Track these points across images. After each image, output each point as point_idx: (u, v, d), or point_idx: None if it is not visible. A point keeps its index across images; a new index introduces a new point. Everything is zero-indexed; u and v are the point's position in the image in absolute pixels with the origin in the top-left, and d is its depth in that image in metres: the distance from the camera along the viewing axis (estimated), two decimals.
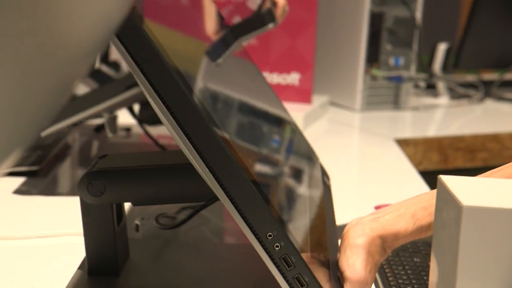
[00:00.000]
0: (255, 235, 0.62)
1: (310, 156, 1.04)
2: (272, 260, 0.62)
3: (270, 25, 1.19)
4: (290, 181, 0.86)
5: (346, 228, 0.71)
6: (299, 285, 0.62)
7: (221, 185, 0.61)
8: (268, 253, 0.62)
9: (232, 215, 0.62)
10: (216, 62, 1.10)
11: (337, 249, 0.74)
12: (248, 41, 1.85)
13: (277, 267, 0.62)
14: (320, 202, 0.91)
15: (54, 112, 0.27)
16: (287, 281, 0.62)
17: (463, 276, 0.50)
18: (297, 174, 0.88)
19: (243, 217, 0.62)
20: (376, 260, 0.69)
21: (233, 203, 0.62)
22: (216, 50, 1.07)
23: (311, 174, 0.97)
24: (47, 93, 0.25)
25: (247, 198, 0.62)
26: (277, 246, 0.62)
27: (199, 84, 0.69)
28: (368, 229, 0.68)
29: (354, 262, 0.67)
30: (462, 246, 0.50)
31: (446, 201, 0.53)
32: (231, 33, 1.03)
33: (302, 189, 0.86)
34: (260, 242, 0.62)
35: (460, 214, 0.49)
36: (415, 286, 0.82)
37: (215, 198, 0.83)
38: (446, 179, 0.54)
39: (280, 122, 0.95)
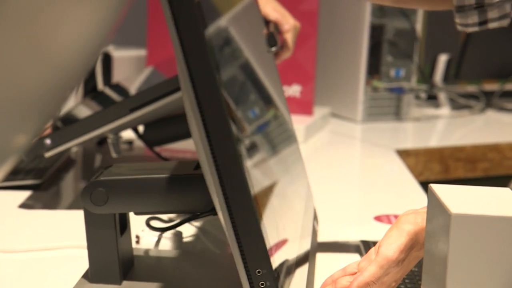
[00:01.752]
0: (245, 267, 0.63)
1: (292, 167, 1.05)
2: None
3: (273, 49, 1.21)
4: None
5: (400, 215, 0.73)
6: None
7: (229, 214, 0.62)
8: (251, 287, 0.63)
9: (229, 240, 0.63)
10: (268, 49, 1.13)
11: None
12: None
13: None
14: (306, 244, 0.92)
15: (47, 120, 0.28)
16: None
17: (452, 282, 0.51)
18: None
19: (240, 248, 0.63)
20: (416, 252, 0.71)
21: (235, 230, 0.63)
22: (270, 41, 1.10)
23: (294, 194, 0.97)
24: (40, 102, 0.26)
25: (250, 232, 0.63)
26: (262, 284, 0.63)
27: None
28: (420, 220, 0.71)
29: (393, 242, 0.70)
30: (451, 253, 0.51)
31: (436, 209, 0.54)
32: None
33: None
34: (248, 275, 0.63)
35: (449, 222, 0.51)
36: None
37: (212, 212, 0.84)
38: (436, 187, 0.55)
39: (268, 101, 0.95)
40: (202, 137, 0.61)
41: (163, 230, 0.94)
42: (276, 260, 0.67)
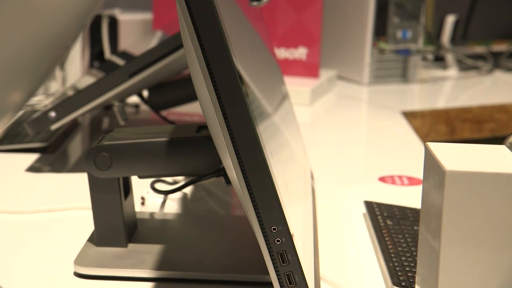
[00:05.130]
0: (261, 225, 0.64)
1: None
2: (270, 252, 0.64)
3: (264, 0, 1.19)
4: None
5: None
6: (288, 282, 0.64)
7: (242, 171, 0.63)
8: (267, 245, 0.64)
9: (243, 200, 0.64)
10: (252, 3, 1.11)
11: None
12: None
13: (272, 260, 0.64)
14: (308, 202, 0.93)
15: (42, 79, 0.28)
16: (277, 275, 0.64)
17: (447, 239, 0.52)
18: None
19: (254, 205, 0.63)
20: None
21: (249, 190, 0.63)
22: None
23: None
24: (34, 59, 0.27)
25: (264, 188, 0.63)
26: (278, 241, 0.64)
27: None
28: None
29: None
30: (446, 209, 0.51)
31: (432, 166, 0.55)
32: None
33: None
34: (263, 233, 0.64)
35: (444, 179, 0.51)
36: (414, 253, 0.84)
37: (215, 173, 0.85)
38: (432, 145, 0.56)
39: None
40: (211, 94, 0.62)
41: (167, 192, 0.95)
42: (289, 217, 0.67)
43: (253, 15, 1.10)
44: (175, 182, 1.07)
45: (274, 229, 0.64)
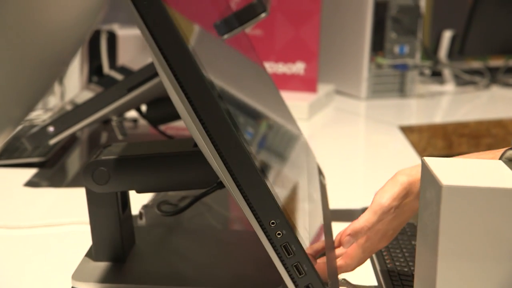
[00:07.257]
0: (259, 221, 0.64)
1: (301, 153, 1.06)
2: (273, 247, 0.64)
3: (262, 15, 1.19)
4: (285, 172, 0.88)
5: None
6: (297, 273, 0.64)
7: (229, 170, 0.63)
8: (269, 240, 0.64)
9: (237, 201, 0.64)
10: (223, 37, 1.11)
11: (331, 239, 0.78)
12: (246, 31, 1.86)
13: (277, 254, 0.64)
14: (315, 196, 0.93)
15: (41, 94, 0.29)
16: (286, 268, 0.64)
17: (444, 253, 0.52)
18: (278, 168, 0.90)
19: (248, 203, 0.64)
20: (410, 202, 0.73)
21: (240, 188, 0.63)
22: (223, 26, 1.09)
23: (303, 170, 0.98)
24: (34, 75, 0.27)
25: (253, 184, 0.63)
26: (279, 234, 0.64)
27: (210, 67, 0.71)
28: (415, 172, 0.73)
29: (386, 191, 0.74)
30: (442, 224, 0.52)
31: (429, 181, 0.55)
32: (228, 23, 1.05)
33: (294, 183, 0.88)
34: (263, 229, 0.64)
35: (440, 194, 0.51)
36: (412, 268, 0.84)
37: (217, 186, 0.85)
38: (429, 160, 0.56)
39: (257, 117, 0.96)
40: (180, 96, 0.62)
41: (173, 213, 0.95)
42: (289, 212, 0.67)
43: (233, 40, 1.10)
44: (182, 199, 1.07)
45: (272, 223, 0.64)
